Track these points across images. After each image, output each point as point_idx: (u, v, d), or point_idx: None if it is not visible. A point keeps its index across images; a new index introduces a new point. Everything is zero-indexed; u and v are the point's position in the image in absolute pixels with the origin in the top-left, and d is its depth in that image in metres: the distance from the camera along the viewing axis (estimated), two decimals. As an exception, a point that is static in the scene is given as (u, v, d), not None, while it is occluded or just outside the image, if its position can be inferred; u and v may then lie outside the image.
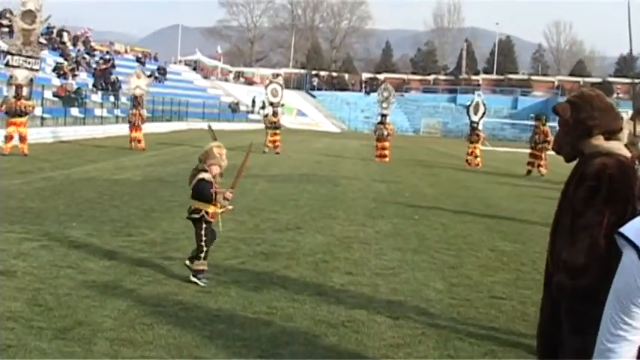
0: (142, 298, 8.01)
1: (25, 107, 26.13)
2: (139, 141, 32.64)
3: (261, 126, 43.37)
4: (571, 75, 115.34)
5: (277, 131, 36.37)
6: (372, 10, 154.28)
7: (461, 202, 19.82)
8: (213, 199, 8.90)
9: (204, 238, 8.96)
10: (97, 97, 51.20)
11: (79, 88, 47.48)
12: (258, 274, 9.52)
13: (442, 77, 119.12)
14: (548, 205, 10.00)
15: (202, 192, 8.89)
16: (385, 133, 35.58)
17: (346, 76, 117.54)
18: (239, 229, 12.84)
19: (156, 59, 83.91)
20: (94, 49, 66.22)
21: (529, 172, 31.88)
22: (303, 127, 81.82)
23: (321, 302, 8.26)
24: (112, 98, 53.53)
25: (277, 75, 41.60)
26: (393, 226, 14.56)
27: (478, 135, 36.29)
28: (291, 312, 7.81)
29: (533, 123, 38.67)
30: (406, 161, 35.60)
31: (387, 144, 35.73)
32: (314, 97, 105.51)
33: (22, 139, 25.93)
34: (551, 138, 33.33)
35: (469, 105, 37.99)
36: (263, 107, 56.15)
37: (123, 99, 52.39)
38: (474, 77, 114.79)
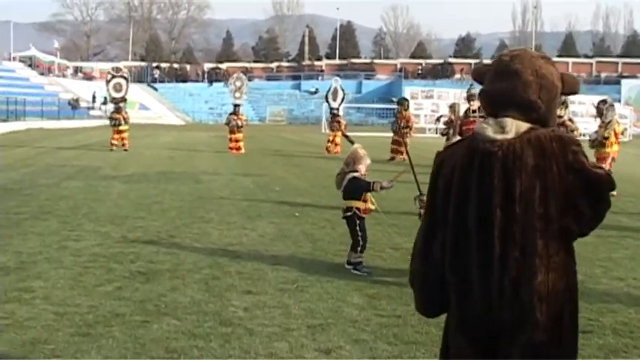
0: None
1: None
2: (-27, 145, 30.00)
3: (105, 122, 41.20)
4: (412, 57, 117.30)
5: (124, 127, 34.24)
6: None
7: (336, 193, 18.50)
8: (371, 188, 9.56)
9: (359, 233, 9.71)
10: None
11: None
12: (142, 302, 7.78)
13: (285, 64, 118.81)
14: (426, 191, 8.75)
15: (357, 187, 9.71)
16: (239, 124, 34.21)
17: (188, 67, 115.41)
18: (105, 243, 11.04)
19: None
20: None
21: (392, 158, 30.84)
22: (147, 122, 79.01)
23: (230, 336, 6.67)
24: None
25: (119, 69, 39.03)
26: (275, 226, 13.09)
27: (339, 122, 35.27)
28: (196, 354, 6.21)
29: (395, 107, 37.49)
30: (262, 152, 34.23)
31: (240, 135, 34.32)
32: (156, 89, 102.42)
33: None
34: (412, 124, 32.83)
35: (327, 92, 37.34)
36: (105, 103, 53.61)
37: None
38: (316, 63, 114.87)
